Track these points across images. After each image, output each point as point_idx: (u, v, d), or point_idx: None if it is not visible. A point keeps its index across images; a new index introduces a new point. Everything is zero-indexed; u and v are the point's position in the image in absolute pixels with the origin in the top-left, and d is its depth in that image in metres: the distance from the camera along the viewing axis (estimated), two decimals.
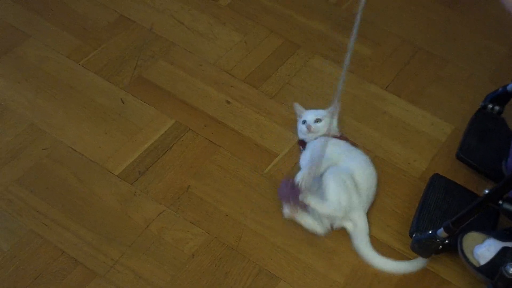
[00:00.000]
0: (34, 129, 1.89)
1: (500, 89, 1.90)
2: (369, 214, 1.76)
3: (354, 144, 1.86)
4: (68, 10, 2.23)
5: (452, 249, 1.60)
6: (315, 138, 1.84)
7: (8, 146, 1.85)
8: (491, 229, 1.68)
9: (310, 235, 1.72)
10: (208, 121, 1.95)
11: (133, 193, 1.77)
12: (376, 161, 1.89)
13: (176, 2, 2.28)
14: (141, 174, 1.82)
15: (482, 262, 1.56)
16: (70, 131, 1.90)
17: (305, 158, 1.82)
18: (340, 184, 1.69)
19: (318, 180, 1.71)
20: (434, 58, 2.19)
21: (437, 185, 1.78)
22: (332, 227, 1.72)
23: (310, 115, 1.85)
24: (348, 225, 1.72)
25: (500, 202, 1.44)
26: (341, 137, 1.86)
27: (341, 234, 1.73)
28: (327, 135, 1.80)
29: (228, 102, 2.00)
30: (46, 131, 1.89)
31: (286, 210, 1.71)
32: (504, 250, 1.54)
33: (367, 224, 1.72)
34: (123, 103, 1.98)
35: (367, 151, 1.90)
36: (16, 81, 2.00)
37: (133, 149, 1.87)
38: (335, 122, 1.84)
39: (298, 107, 1.91)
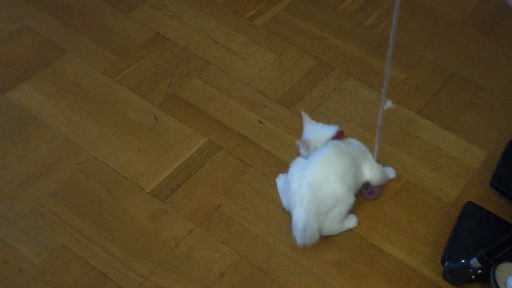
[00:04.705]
0: (68, 144, 1.91)
1: None
2: (398, 239, 1.76)
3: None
4: (105, 26, 2.26)
5: (485, 279, 1.58)
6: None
7: (43, 160, 1.87)
8: None
9: (340, 258, 1.71)
10: (240, 141, 1.96)
11: (164, 211, 1.78)
12: (408, 186, 1.88)
13: (212, 21, 2.30)
14: (172, 191, 1.83)
15: None
16: (104, 146, 1.92)
17: None
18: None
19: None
20: (468, 84, 2.18)
21: (471, 213, 1.76)
22: None
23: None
24: None
25: None
26: None
27: (371, 258, 1.72)
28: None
29: (261, 122, 2.01)
30: (80, 146, 1.91)
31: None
32: None
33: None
34: (157, 120, 1.99)
35: (398, 176, 1.89)
36: (53, 95, 2.03)
37: (165, 167, 1.88)
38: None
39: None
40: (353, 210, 1.76)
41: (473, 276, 1.56)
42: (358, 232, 1.77)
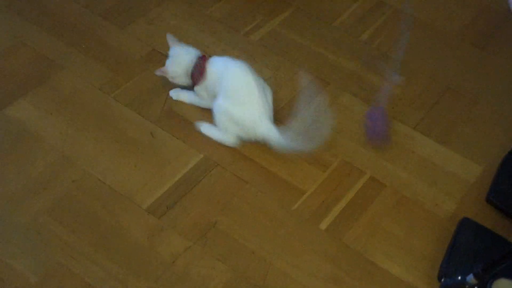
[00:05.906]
0: (65, 160, 1.91)
1: None
2: (395, 254, 1.76)
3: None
4: (101, 43, 2.26)
5: None
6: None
7: (39, 176, 1.87)
8: None
9: (336, 274, 1.71)
10: (236, 157, 1.96)
11: (161, 228, 1.78)
12: (404, 201, 1.88)
13: (208, 37, 2.31)
14: (168, 208, 1.83)
15: None
16: (100, 163, 1.92)
17: None
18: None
19: None
20: (464, 98, 2.19)
21: (467, 229, 1.76)
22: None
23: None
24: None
25: None
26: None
27: (367, 273, 1.72)
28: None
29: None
30: (76, 162, 1.91)
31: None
32: None
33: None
34: (153, 136, 1.99)
35: (394, 192, 1.89)
36: (49, 112, 2.03)
37: (162, 183, 1.88)
38: None
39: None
40: (348, 225, 1.76)
41: None
42: (355, 247, 1.77)
